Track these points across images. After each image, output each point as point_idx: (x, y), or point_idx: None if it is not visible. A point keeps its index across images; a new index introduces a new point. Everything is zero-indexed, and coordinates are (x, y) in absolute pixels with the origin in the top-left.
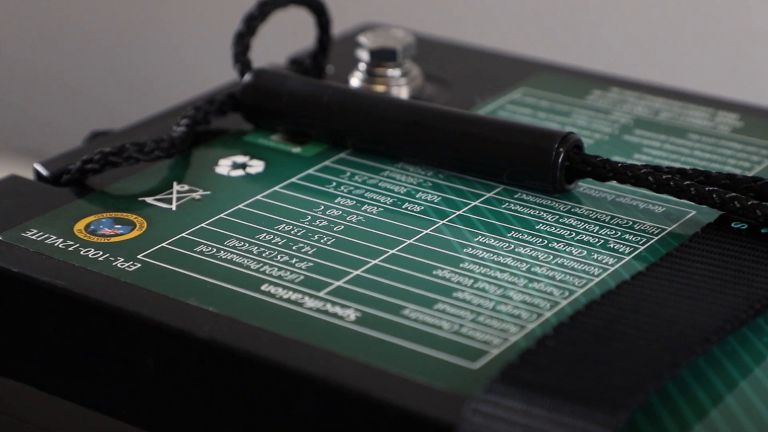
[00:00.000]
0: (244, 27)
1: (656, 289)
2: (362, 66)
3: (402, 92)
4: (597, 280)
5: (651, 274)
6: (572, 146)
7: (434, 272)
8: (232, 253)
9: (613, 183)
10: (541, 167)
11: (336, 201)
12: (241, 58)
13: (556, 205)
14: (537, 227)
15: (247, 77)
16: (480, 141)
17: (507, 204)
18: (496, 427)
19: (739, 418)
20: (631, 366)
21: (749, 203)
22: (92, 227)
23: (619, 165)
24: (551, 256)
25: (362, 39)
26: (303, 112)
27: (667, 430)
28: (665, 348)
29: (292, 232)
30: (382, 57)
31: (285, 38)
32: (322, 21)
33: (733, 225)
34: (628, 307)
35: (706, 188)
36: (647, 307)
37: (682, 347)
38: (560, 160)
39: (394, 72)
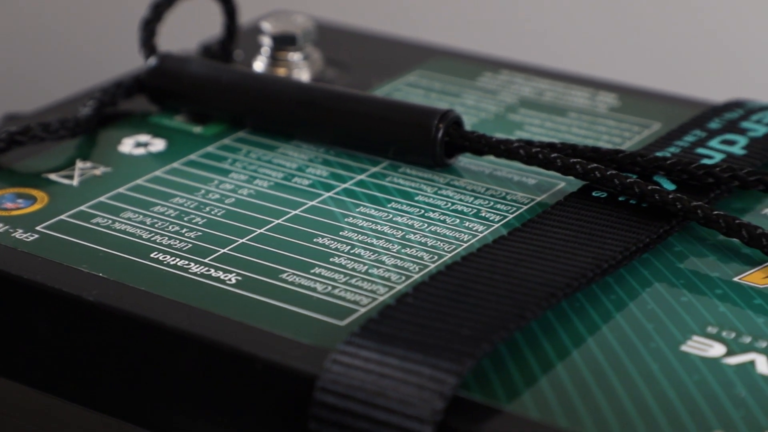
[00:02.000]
0: (150, 13)
1: (514, 252)
2: (265, 51)
3: (303, 75)
4: (465, 245)
5: (511, 238)
6: (452, 123)
7: (315, 240)
8: (126, 224)
9: (492, 157)
10: (422, 143)
11: (230, 176)
12: (147, 43)
13: (437, 178)
14: (416, 198)
15: (151, 61)
16: (366, 119)
17: (391, 177)
18: (352, 375)
19: (582, 371)
20: (480, 319)
21: (608, 173)
22: None
23: (494, 139)
24: (426, 225)
25: (264, 25)
26: (204, 94)
27: (513, 380)
28: (513, 302)
29: (185, 204)
30: (283, 42)
31: (200, 26)
32: (228, 9)
33: (594, 194)
34: (485, 267)
35: (571, 160)
36: (503, 267)
37: (529, 301)
38: (440, 135)
39: (294, 56)
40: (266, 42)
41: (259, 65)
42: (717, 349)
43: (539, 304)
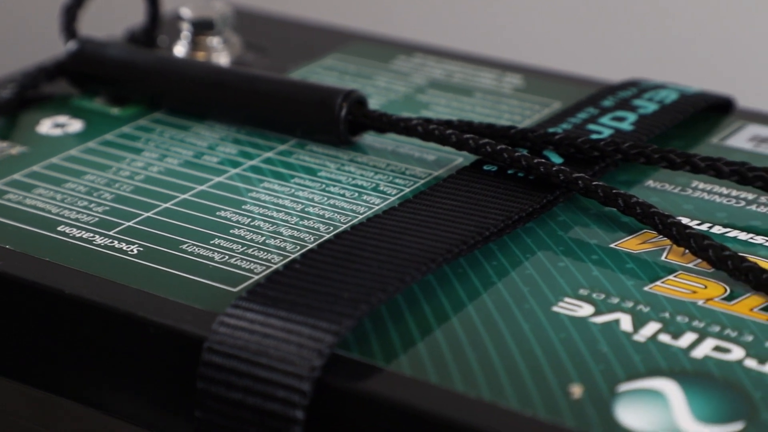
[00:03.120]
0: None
1: (401, 221)
2: (185, 36)
3: (221, 59)
4: (361, 217)
5: (401, 208)
6: (355, 102)
7: (217, 213)
8: (36, 200)
9: (396, 135)
10: (327, 121)
11: (142, 154)
12: (68, 28)
13: (341, 155)
14: (319, 174)
15: (71, 45)
16: (273, 99)
17: (297, 155)
18: (238, 336)
19: (457, 332)
20: (362, 283)
21: (498, 147)
22: None
23: (394, 117)
24: (326, 198)
25: (183, 10)
26: (121, 77)
27: (391, 340)
28: (395, 267)
29: (96, 181)
30: (202, 27)
31: (129, 13)
32: None
33: (485, 167)
34: (372, 235)
35: (465, 136)
36: (389, 235)
37: (409, 266)
38: (343, 114)
39: (213, 41)
40: (186, 27)
41: (179, 50)
42: (586, 309)
43: (419, 269)
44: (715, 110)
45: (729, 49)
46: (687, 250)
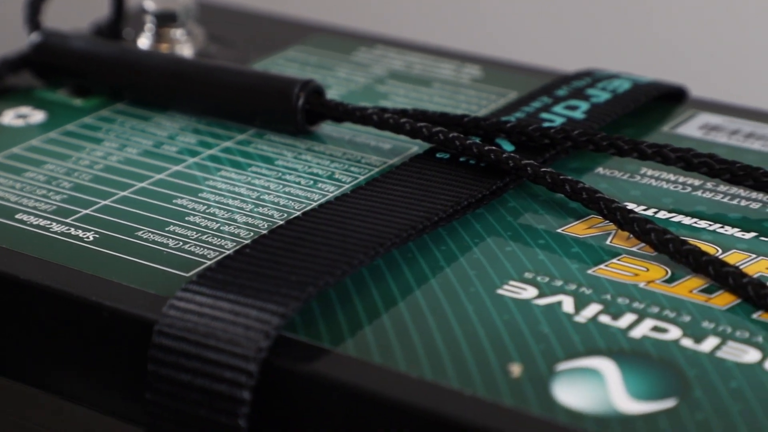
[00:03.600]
0: None
1: (352, 207)
2: (149, 28)
3: (185, 51)
4: (315, 204)
5: (353, 195)
6: (312, 91)
7: (174, 201)
8: None
9: (354, 125)
10: (285, 111)
11: (102, 144)
12: (32, 20)
13: (299, 144)
14: (276, 162)
15: (35, 37)
16: (232, 90)
17: (255, 144)
18: (187, 319)
19: (403, 314)
20: (310, 266)
21: (450, 135)
22: None
23: (350, 107)
24: (281, 186)
25: (147, 3)
26: (84, 69)
27: (338, 323)
28: (343, 252)
29: (55, 170)
30: (165, 19)
31: (98, 6)
32: None
33: (437, 155)
34: (323, 221)
35: (418, 124)
36: (339, 221)
37: (358, 251)
38: (300, 103)
39: (177, 33)
40: (150, 20)
41: (143, 42)
42: (529, 292)
43: (367, 253)
44: (671, 100)
45: (685, 40)
46: (631, 235)
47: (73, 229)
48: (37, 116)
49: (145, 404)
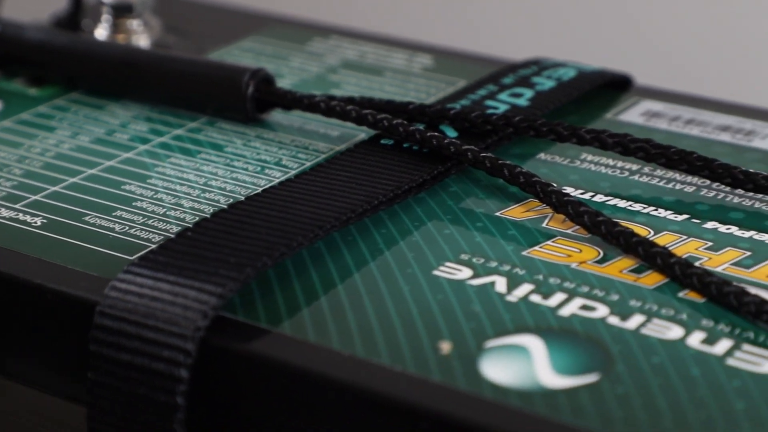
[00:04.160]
0: None
1: (294, 192)
2: (106, 19)
3: (141, 41)
4: (260, 189)
5: (296, 180)
6: (262, 80)
7: (122, 187)
8: None
9: (304, 113)
10: (235, 99)
11: (55, 132)
12: None
13: (249, 131)
14: (225, 149)
15: None
16: (184, 78)
17: (206, 131)
18: (128, 300)
19: (340, 295)
20: (249, 249)
21: (394, 122)
22: None
23: (298, 95)
24: (229, 172)
25: None
26: (39, 58)
27: (276, 303)
28: (283, 234)
29: (7, 158)
30: (122, 10)
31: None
32: None
33: (382, 141)
34: (265, 205)
35: (363, 111)
36: (281, 205)
37: (297, 233)
38: (250, 92)
39: (133, 23)
40: (106, 10)
41: (100, 33)
42: (464, 273)
43: (306, 236)
44: (618, 88)
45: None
46: (566, 217)
47: (21, 215)
48: None
49: (87, 384)
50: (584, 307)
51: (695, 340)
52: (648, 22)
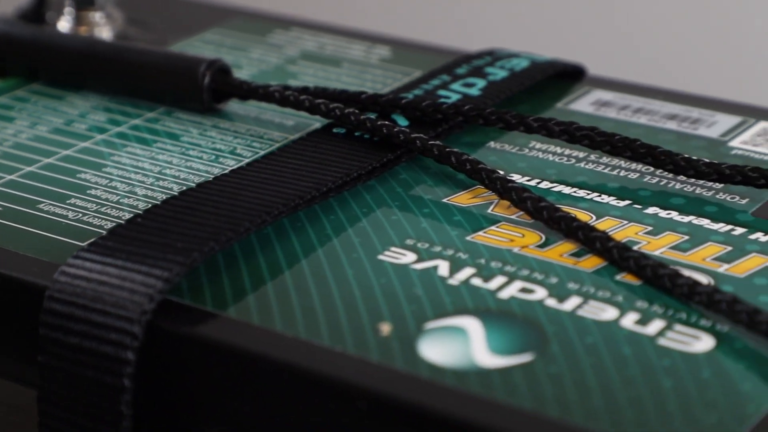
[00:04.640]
0: None
1: (246, 179)
2: (69, 11)
3: (104, 34)
4: (212, 177)
5: (248, 168)
6: (218, 70)
7: (78, 175)
8: None
9: (260, 103)
10: (191, 89)
11: (14, 122)
12: None
13: (206, 121)
14: (181, 139)
15: None
16: (142, 69)
17: (163, 121)
18: (77, 284)
19: (286, 279)
20: (197, 234)
21: (346, 111)
22: None
23: (254, 85)
24: (184, 161)
25: None
26: (1, 50)
27: (223, 287)
28: (230, 220)
29: None
30: (84, 2)
31: None
32: None
33: (334, 130)
34: (215, 192)
35: (317, 101)
36: (231, 192)
37: (244, 219)
38: (206, 82)
39: (95, 16)
40: (69, 3)
41: (63, 25)
42: (409, 257)
43: (253, 221)
44: (571, 78)
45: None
46: (510, 203)
47: None
48: None
49: (37, 367)
50: (523, 290)
51: (629, 320)
52: (606, 13)
